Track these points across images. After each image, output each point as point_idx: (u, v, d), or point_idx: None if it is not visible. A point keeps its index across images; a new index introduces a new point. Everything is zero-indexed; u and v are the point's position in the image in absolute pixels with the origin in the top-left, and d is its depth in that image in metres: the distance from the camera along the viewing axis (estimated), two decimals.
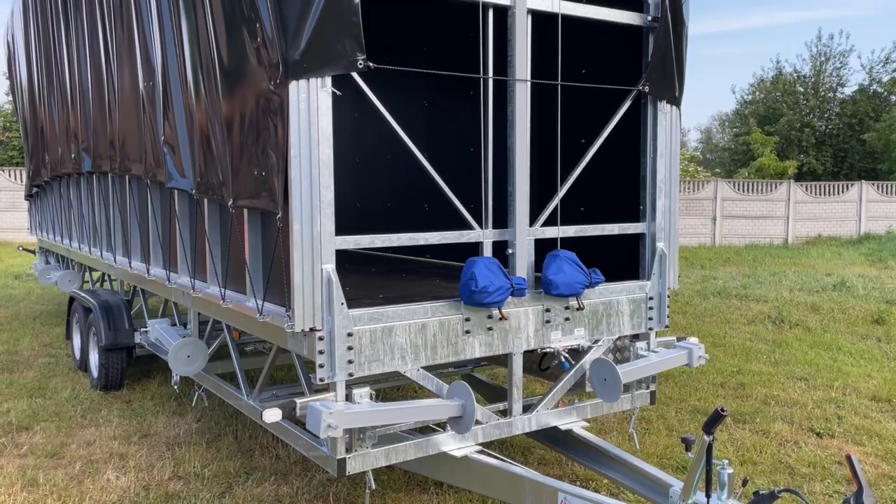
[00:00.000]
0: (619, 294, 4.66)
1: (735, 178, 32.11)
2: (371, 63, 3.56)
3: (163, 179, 5.14)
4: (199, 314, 5.64)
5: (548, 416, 4.53)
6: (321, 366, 3.62)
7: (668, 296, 4.87)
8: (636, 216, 4.85)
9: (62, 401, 6.80)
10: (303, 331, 3.59)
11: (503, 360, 4.63)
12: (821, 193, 27.97)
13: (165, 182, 5.05)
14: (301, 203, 3.51)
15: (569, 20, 4.40)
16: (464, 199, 4.12)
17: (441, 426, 4.22)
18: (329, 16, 3.41)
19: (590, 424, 4.77)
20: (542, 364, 4.99)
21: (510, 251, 4.30)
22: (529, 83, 4.22)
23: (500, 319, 4.13)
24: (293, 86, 3.44)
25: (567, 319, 4.44)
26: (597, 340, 4.60)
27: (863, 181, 28.55)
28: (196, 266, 4.93)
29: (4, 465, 5.27)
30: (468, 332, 4.07)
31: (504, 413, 4.41)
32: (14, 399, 6.83)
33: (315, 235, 3.55)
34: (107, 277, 8.63)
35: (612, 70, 5.00)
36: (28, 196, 11.49)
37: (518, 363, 4.32)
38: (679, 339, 4.88)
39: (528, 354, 4.58)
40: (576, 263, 4.32)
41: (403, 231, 4.31)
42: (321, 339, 3.61)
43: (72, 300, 8.25)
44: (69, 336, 8.39)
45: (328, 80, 3.52)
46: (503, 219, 4.30)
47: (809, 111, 37.88)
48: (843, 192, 28.01)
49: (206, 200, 4.56)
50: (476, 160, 4.33)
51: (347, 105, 3.66)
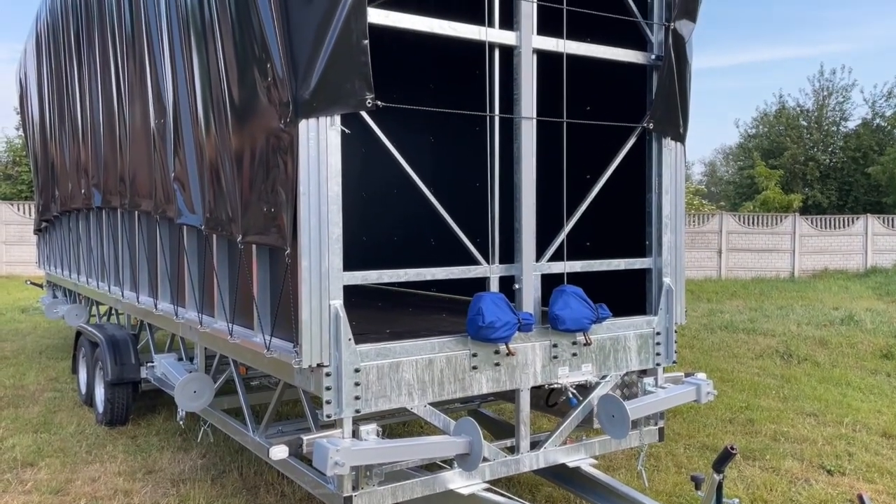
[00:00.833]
0: (627, 329, 4.65)
1: (740, 212, 32.17)
2: (379, 102, 3.62)
3: (172, 215, 5.18)
4: (206, 349, 5.64)
5: (556, 453, 4.49)
6: (328, 402, 3.61)
7: (676, 331, 4.86)
8: (642, 251, 4.87)
9: (67, 436, 6.78)
10: (310, 366, 3.59)
11: (510, 396, 4.61)
12: (826, 227, 27.96)
13: (175, 218, 5.10)
14: (310, 239, 3.54)
15: (574, 59, 4.47)
16: (470, 233, 4.15)
17: (448, 463, 4.19)
18: (339, 56, 3.47)
19: (598, 461, 4.73)
20: (550, 400, 4.96)
21: (517, 286, 4.31)
22: (535, 121, 4.28)
23: (508, 355, 4.13)
24: (303, 124, 3.49)
25: (574, 355, 4.43)
26: (604, 376, 4.58)
27: (868, 215, 28.55)
28: (204, 301, 4.95)
29: (9, 503, 5.24)
30: (475, 368, 4.06)
31: (511, 450, 4.38)
32: (19, 434, 6.81)
33: (323, 271, 3.57)
34: (114, 311, 8.65)
35: (617, 107, 5.06)
36: (37, 230, 11.58)
37: (525, 399, 4.30)
38: (687, 375, 4.86)
39: (536, 390, 4.56)
40: (582, 298, 4.33)
41: (410, 265, 4.33)
42: (328, 375, 3.61)
43: (78, 334, 8.26)
44: (75, 370, 8.39)
45: (337, 119, 3.57)
46: (509, 252, 4.32)
47: (813, 145, 38.06)
48: (849, 226, 27.99)
49: (215, 236, 4.60)
50: (481, 194, 4.36)
51: (354, 140, 3.71)
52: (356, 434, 3.69)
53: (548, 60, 4.46)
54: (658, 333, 4.76)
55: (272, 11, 3.56)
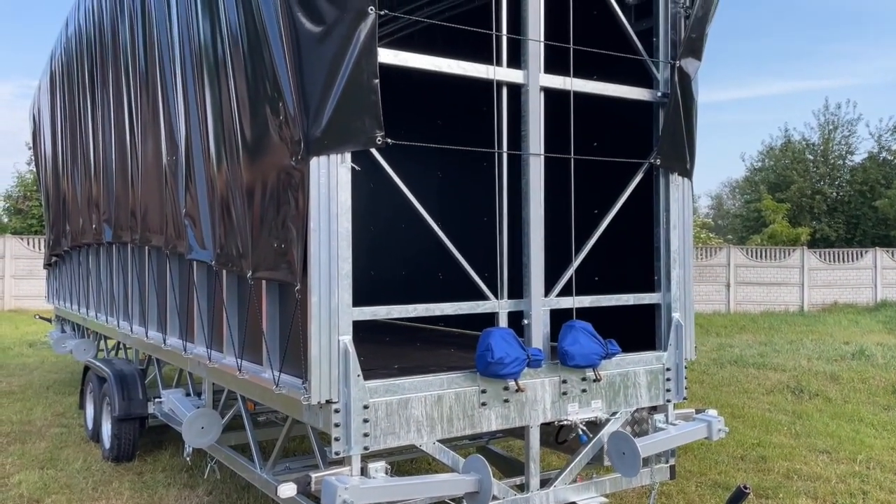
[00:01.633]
0: (636, 365, 4.63)
1: (748, 245, 32.10)
2: (389, 139, 3.66)
3: (183, 251, 5.22)
4: (214, 384, 5.63)
5: (566, 492, 4.44)
6: (337, 439, 3.59)
7: (686, 366, 4.83)
8: (651, 286, 4.86)
9: (73, 472, 6.74)
10: (319, 403, 3.58)
11: (519, 432, 4.58)
12: (835, 260, 27.85)
13: (186, 253, 5.13)
14: (319, 275, 3.55)
15: (581, 95, 4.52)
16: (478, 268, 4.16)
17: (457, 501, 4.14)
18: (350, 95, 3.53)
19: (609, 500, 4.66)
20: (560, 437, 4.92)
21: (526, 322, 4.31)
22: (543, 157, 4.31)
23: (517, 391, 4.10)
24: (314, 161, 3.53)
25: (584, 391, 4.40)
26: (614, 413, 4.54)
27: (877, 248, 28.45)
28: (213, 336, 4.95)
29: None
30: (484, 405, 4.04)
31: (521, 488, 4.33)
32: (26, 470, 6.78)
33: (333, 307, 3.58)
34: (122, 346, 8.66)
35: (624, 142, 5.10)
36: (47, 265, 11.65)
37: (535, 436, 4.27)
38: (698, 411, 4.81)
39: (545, 427, 4.52)
40: (592, 334, 4.32)
41: (418, 299, 4.34)
42: (337, 412, 3.60)
43: (86, 369, 8.25)
44: (82, 405, 8.37)
45: (348, 156, 3.62)
46: (518, 287, 4.32)
47: (820, 178, 38.08)
48: (858, 259, 27.88)
49: (225, 271, 4.62)
50: (490, 229, 4.39)
51: (363, 174, 3.75)
52: (365, 472, 3.66)
53: (555, 97, 4.51)
54: (668, 369, 4.73)
55: (284, 51, 3.62)
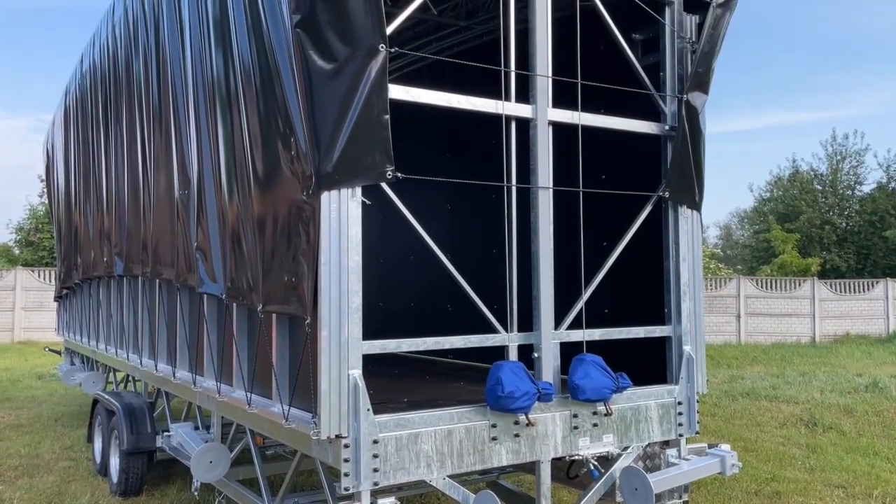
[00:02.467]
0: (648, 399, 4.59)
1: (758, 276, 31.94)
2: (399, 174, 3.70)
3: (194, 284, 5.24)
4: (223, 417, 5.61)
5: None
6: (346, 474, 3.57)
7: (697, 400, 4.79)
8: (661, 319, 4.85)
9: None
10: (329, 438, 3.56)
11: (530, 467, 4.53)
12: (845, 291, 27.66)
13: (196, 287, 5.15)
14: (329, 309, 3.56)
15: (589, 128, 4.56)
16: (487, 299, 4.16)
17: None
18: (361, 131, 3.57)
19: None
20: (571, 472, 4.86)
21: (536, 355, 4.29)
22: (552, 190, 4.33)
23: (528, 425, 4.07)
24: (325, 196, 3.56)
25: (595, 425, 4.37)
26: (626, 447, 4.50)
27: (888, 279, 28.26)
28: (222, 370, 4.95)
29: None
30: (495, 439, 4.01)
31: None
32: None
33: (343, 341, 3.58)
34: (130, 379, 8.65)
35: (633, 174, 5.12)
36: (57, 298, 11.71)
37: (546, 471, 4.23)
38: (711, 446, 4.76)
39: (556, 461, 4.48)
40: (602, 368, 4.29)
41: (427, 331, 4.34)
42: (347, 447, 3.58)
43: (95, 402, 8.24)
44: (90, 439, 8.34)
45: (358, 191, 3.65)
46: (527, 318, 4.31)
47: (829, 209, 38.00)
48: (869, 290, 27.68)
49: (236, 305, 4.63)
50: (499, 261, 4.39)
51: (372, 207, 3.79)
52: None
53: (564, 129, 4.55)
54: (680, 403, 4.69)
55: (296, 87, 3.68)
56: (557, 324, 4.36)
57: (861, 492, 7.26)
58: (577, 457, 4.33)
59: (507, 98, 4.24)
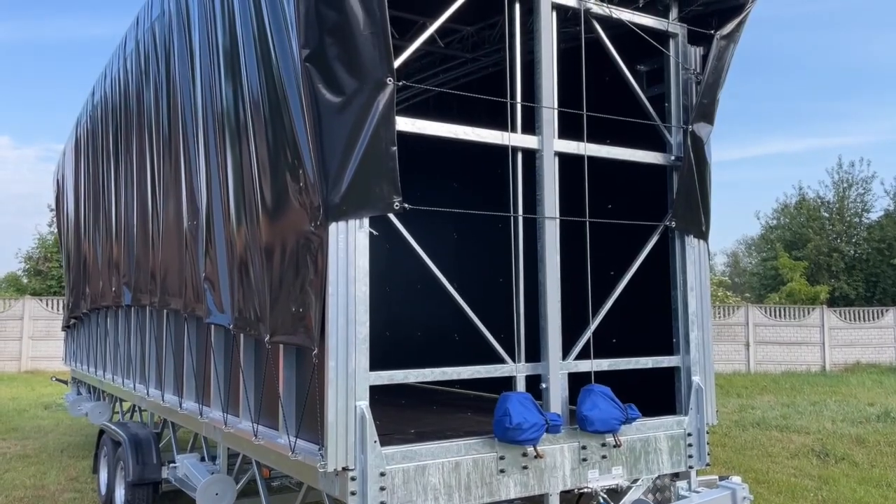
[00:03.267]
0: (657, 430, 4.55)
1: (766, 303, 31.77)
2: (406, 204, 3.72)
3: (201, 314, 5.25)
4: (229, 448, 5.58)
5: None
6: None
7: (707, 431, 4.74)
8: (669, 349, 4.82)
9: None
10: (335, 470, 3.54)
11: (539, 500, 4.47)
12: (855, 319, 27.45)
13: (204, 317, 5.16)
14: (337, 339, 3.56)
15: (594, 159, 4.58)
16: (494, 328, 4.15)
17: None
18: (369, 162, 3.60)
19: None
20: None
21: (544, 385, 4.27)
22: (558, 220, 4.35)
23: (536, 457, 4.04)
24: (333, 227, 3.58)
25: (604, 457, 4.32)
26: (636, 480, 4.45)
27: None
28: (229, 400, 4.94)
29: None
30: (503, 472, 3.97)
31: None
32: None
33: (350, 372, 3.57)
34: (137, 409, 8.63)
35: (639, 203, 5.13)
36: (65, 327, 11.73)
37: None
38: (721, 478, 4.70)
39: (565, 494, 4.42)
40: (611, 398, 4.27)
41: (434, 360, 4.33)
42: (353, 480, 3.55)
43: (101, 433, 8.21)
44: (96, 470, 8.29)
45: (366, 221, 3.67)
46: (535, 348, 4.30)
47: (836, 236, 37.87)
48: (879, 318, 27.46)
49: (243, 335, 4.63)
50: (505, 289, 4.39)
51: (380, 236, 3.82)
52: None
53: (569, 159, 4.57)
54: (689, 434, 4.65)
55: (305, 119, 3.72)
56: (565, 354, 4.34)
57: None
58: (587, 489, 4.28)
59: (514, 129, 4.27)
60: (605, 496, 4.33)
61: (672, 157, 4.83)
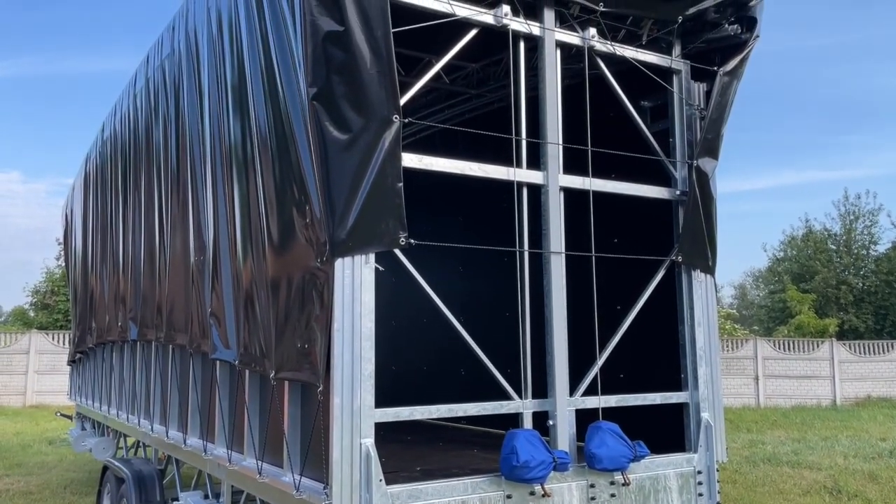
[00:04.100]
0: (666, 468, 4.49)
1: (774, 337, 31.54)
2: (412, 240, 3.72)
3: (207, 350, 5.24)
4: (233, 486, 5.52)
5: None
6: None
7: (718, 469, 4.68)
8: (678, 384, 4.78)
9: None
10: None
11: None
12: (865, 352, 27.19)
13: (210, 353, 5.15)
14: (342, 376, 3.54)
15: (600, 194, 4.59)
16: (501, 363, 4.12)
17: None
18: (375, 199, 3.62)
19: None
20: None
21: (551, 422, 4.22)
22: (564, 255, 4.34)
23: (544, 496, 3.98)
24: (338, 263, 3.59)
25: (613, 496, 4.26)
26: None
27: None
28: (233, 437, 4.90)
29: None
30: None
31: None
32: None
33: (355, 409, 3.55)
34: (141, 445, 8.56)
35: (645, 238, 5.13)
36: (71, 362, 11.72)
37: None
38: None
39: None
40: (619, 436, 4.22)
41: (440, 395, 4.30)
42: None
43: (105, 469, 8.15)
44: None
45: (372, 257, 3.67)
46: (542, 384, 4.26)
47: (844, 268, 37.72)
48: (889, 351, 27.19)
49: (248, 371, 4.62)
50: (512, 323, 4.37)
51: (385, 270, 3.83)
52: None
53: (575, 193, 4.58)
54: (699, 472, 4.58)
55: (311, 156, 3.75)
56: (572, 390, 4.30)
57: None
58: None
59: (519, 165, 4.30)
60: None
61: (677, 192, 4.84)
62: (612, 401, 4.47)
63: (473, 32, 4.28)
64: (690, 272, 4.77)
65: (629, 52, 4.78)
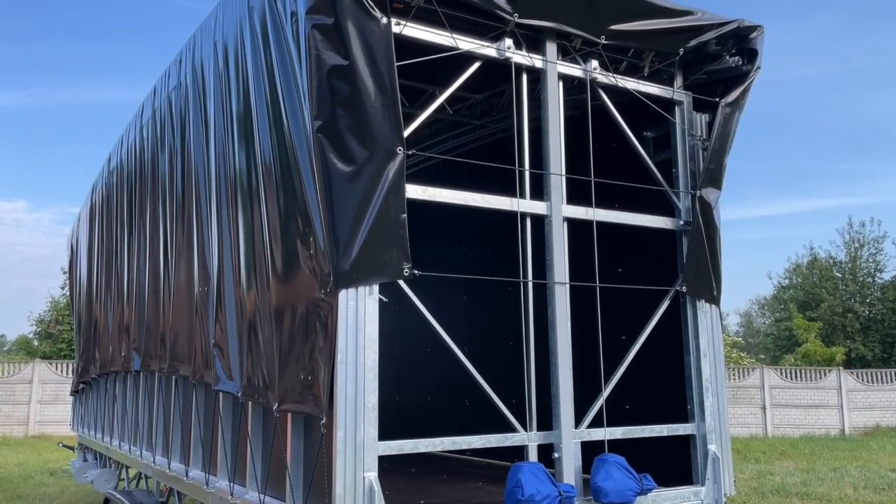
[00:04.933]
0: (674, 501, 4.43)
1: (781, 365, 31.30)
2: (416, 271, 3.72)
3: (210, 381, 5.21)
4: None
5: None
6: None
7: (725, 502, 4.61)
8: (684, 416, 4.73)
9: None
10: None
11: None
12: (873, 381, 26.94)
13: (213, 384, 5.12)
14: (345, 409, 3.52)
15: (603, 224, 4.60)
16: (505, 393, 4.09)
17: None
18: (379, 230, 3.63)
19: None
20: None
21: (556, 455, 4.18)
22: (568, 286, 4.33)
23: None
24: (342, 294, 3.58)
25: None
26: None
27: None
28: (236, 470, 4.85)
29: None
30: None
31: None
32: None
33: (358, 442, 3.52)
34: (143, 477, 8.49)
35: (649, 268, 5.12)
36: (74, 392, 11.68)
37: None
38: None
39: None
40: (625, 468, 4.17)
41: (444, 426, 4.27)
42: None
43: (106, 501, 8.08)
44: None
45: (376, 288, 3.67)
46: (547, 415, 4.22)
47: (850, 296, 37.56)
48: None
49: (251, 403, 4.59)
50: (516, 353, 4.35)
51: (389, 301, 3.83)
52: None
53: (579, 223, 4.58)
54: None
55: (316, 187, 3.76)
56: (578, 422, 4.26)
57: None
58: None
59: (522, 195, 4.30)
60: None
61: (681, 222, 4.84)
62: (619, 433, 4.43)
63: (477, 65, 4.32)
64: (695, 303, 4.75)
65: (631, 84, 4.82)
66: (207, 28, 5.63)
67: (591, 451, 4.28)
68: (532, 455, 4.07)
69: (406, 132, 3.82)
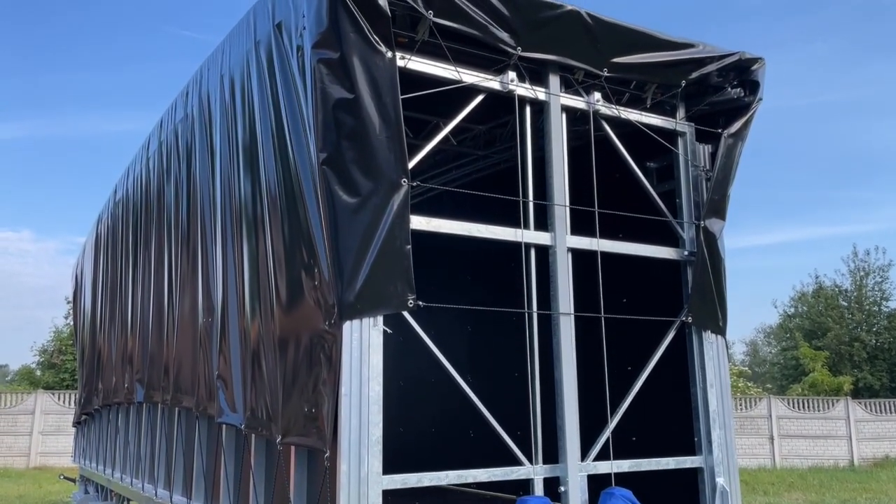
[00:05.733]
0: None
1: (788, 395, 31.02)
2: (421, 302, 3.72)
3: (213, 413, 5.18)
4: None
5: None
6: None
7: None
8: (691, 447, 4.68)
9: None
10: None
11: None
12: (881, 411, 26.65)
13: (216, 416, 5.09)
14: (349, 442, 3.49)
15: (608, 254, 4.59)
16: (510, 424, 4.05)
17: None
18: (383, 261, 3.63)
19: None
20: None
21: (562, 489, 4.13)
22: (573, 316, 4.32)
23: None
24: (347, 325, 3.57)
25: None
26: None
27: None
28: (239, 503, 4.80)
29: None
30: None
31: None
32: None
33: (362, 476, 3.48)
34: None
35: (654, 299, 5.10)
36: (76, 423, 11.62)
37: None
38: None
39: None
40: (632, 502, 4.11)
41: (448, 458, 4.22)
42: None
43: None
44: None
45: (380, 319, 3.66)
46: (552, 447, 4.18)
47: (856, 325, 37.32)
48: None
49: (254, 435, 4.55)
50: (521, 384, 4.32)
51: (393, 332, 3.82)
52: None
53: (583, 253, 4.58)
54: None
55: (321, 219, 3.77)
56: (584, 454, 4.21)
57: None
58: None
59: (526, 226, 4.31)
60: None
61: (685, 252, 4.83)
62: (625, 465, 4.38)
63: (480, 97, 4.36)
64: (701, 333, 4.72)
65: (634, 116, 4.85)
66: (214, 61, 5.70)
67: (598, 485, 4.23)
68: (538, 489, 4.02)
69: (411, 164, 3.84)
